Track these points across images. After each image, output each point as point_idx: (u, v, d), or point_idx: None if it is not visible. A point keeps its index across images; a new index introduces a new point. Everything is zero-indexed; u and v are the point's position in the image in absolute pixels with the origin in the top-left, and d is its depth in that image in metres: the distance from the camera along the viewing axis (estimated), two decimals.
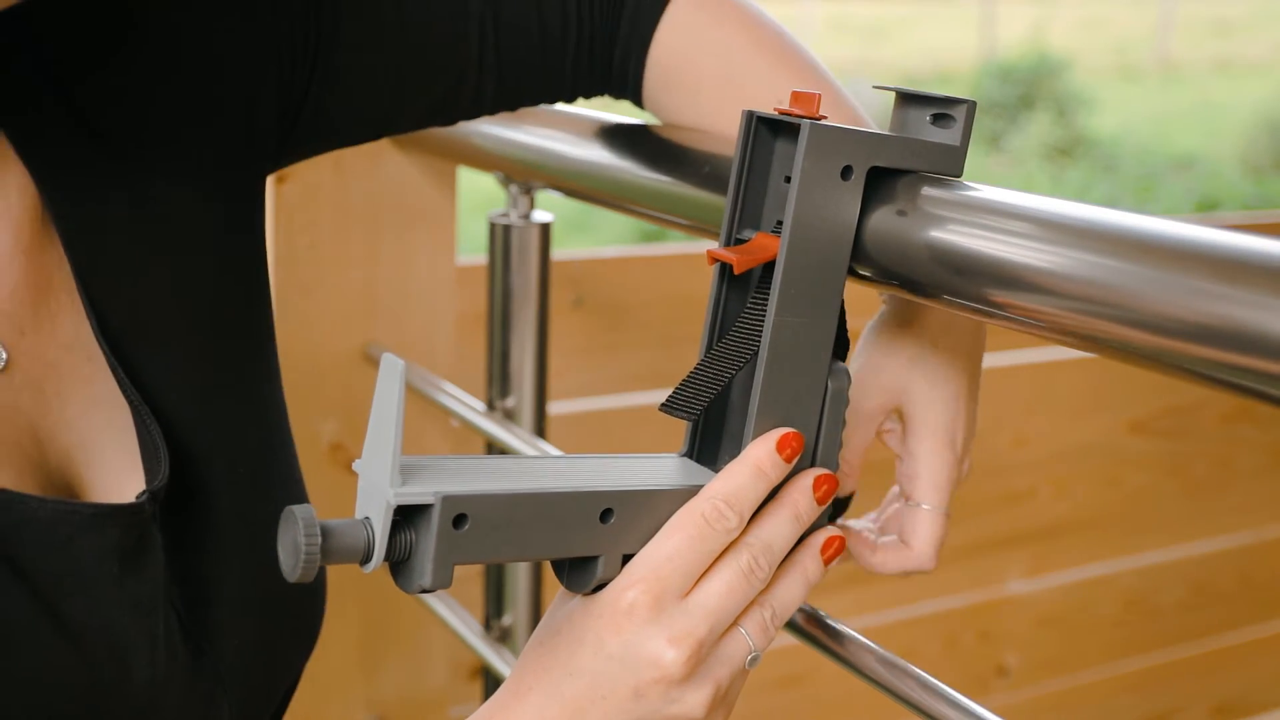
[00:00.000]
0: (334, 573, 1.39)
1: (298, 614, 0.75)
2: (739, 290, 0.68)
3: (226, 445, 0.71)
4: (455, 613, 1.28)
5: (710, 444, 0.69)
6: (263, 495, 0.73)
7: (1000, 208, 0.62)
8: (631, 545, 0.62)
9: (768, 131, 0.68)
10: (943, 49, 12.59)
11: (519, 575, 1.27)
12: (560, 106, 1.11)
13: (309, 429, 1.34)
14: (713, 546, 0.62)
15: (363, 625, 1.40)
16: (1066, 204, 0.60)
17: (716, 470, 0.65)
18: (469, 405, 1.25)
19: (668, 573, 0.61)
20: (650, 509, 0.63)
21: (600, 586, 0.62)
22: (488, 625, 1.29)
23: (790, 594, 0.65)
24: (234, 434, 0.71)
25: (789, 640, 0.82)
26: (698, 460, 0.68)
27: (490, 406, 1.27)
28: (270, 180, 1.28)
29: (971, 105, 0.67)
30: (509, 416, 1.26)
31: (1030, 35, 11.70)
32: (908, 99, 0.69)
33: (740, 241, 0.67)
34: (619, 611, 0.61)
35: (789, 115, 0.65)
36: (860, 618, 1.75)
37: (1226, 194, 8.25)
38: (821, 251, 0.65)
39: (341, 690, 1.40)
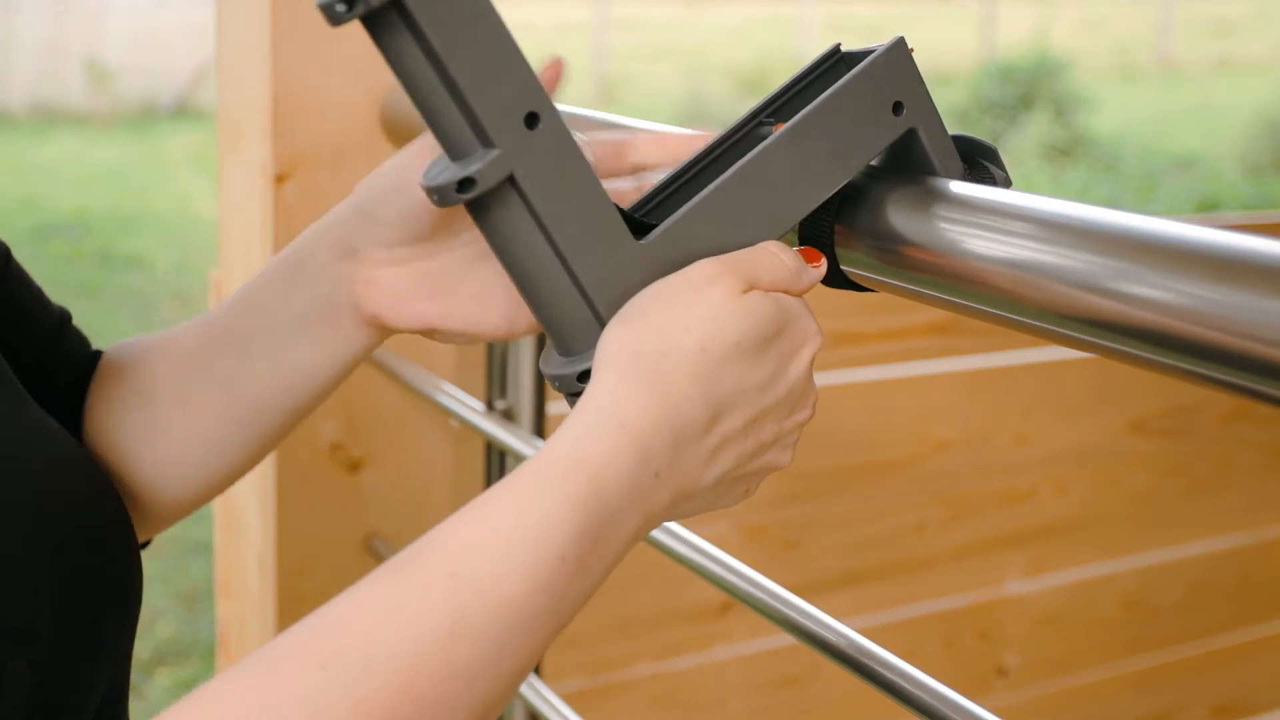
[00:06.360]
0: (335, 574, 1.39)
1: (105, 579, 0.72)
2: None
3: None
4: None
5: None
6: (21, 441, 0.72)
7: (1008, 209, 0.62)
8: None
9: (844, 68, 0.67)
10: (943, 49, 12.58)
11: None
12: (559, 106, 1.10)
13: (309, 429, 1.34)
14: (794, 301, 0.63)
15: None
16: (1066, 204, 0.60)
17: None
18: (468, 405, 1.25)
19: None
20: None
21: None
22: None
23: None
24: None
25: (789, 640, 0.82)
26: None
27: (489, 406, 1.27)
28: (270, 180, 1.28)
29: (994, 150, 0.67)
30: (508, 416, 1.25)
31: (1030, 35, 11.70)
32: None
33: (765, 124, 0.66)
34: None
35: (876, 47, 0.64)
36: (860, 618, 1.75)
37: (1226, 194, 8.25)
38: (839, 139, 0.63)
39: None
